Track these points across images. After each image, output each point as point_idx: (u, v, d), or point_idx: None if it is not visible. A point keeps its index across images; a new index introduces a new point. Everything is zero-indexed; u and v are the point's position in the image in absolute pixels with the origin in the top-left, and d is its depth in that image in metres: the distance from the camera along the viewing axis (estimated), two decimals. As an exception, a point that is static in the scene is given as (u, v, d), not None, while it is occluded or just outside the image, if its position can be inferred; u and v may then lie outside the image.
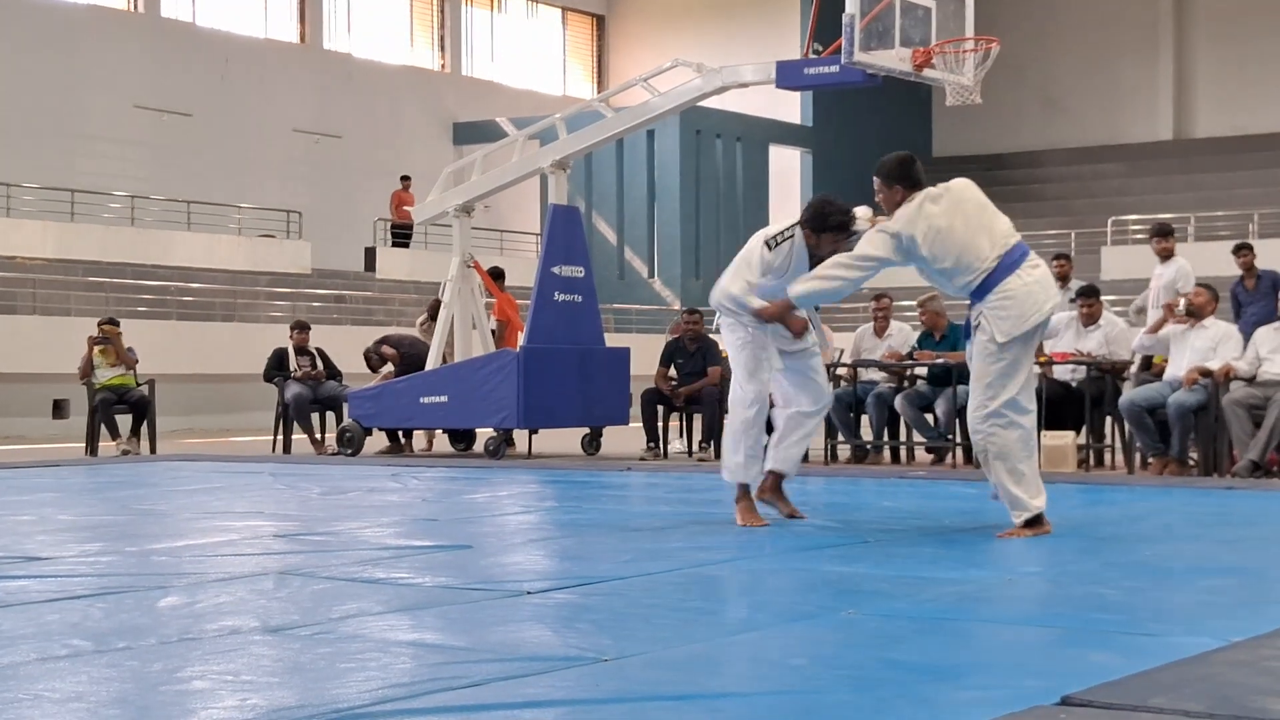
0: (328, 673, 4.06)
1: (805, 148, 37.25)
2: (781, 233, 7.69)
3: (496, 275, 15.72)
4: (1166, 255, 13.55)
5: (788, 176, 37.27)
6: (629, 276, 35.11)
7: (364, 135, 33.46)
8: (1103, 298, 13.00)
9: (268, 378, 15.69)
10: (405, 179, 30.86)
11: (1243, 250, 14.09)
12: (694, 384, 14.02)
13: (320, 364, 15.68)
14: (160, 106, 29.87)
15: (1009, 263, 7.23)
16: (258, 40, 32.15)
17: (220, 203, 28.83)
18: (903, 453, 13.52)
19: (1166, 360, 11.94)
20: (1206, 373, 11.20)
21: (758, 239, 7.77)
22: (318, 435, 15.48)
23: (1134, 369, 12.48)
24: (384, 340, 15.77)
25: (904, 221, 7.23)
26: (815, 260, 7.56)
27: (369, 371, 15.90)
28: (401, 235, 31.07)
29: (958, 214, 7.24)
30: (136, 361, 15.50)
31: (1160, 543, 7.15)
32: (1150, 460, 11.63)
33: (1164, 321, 12.09)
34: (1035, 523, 7.18)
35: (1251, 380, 11.16)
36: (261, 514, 8.80)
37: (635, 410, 14.60)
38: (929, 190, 7.30)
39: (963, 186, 7.41)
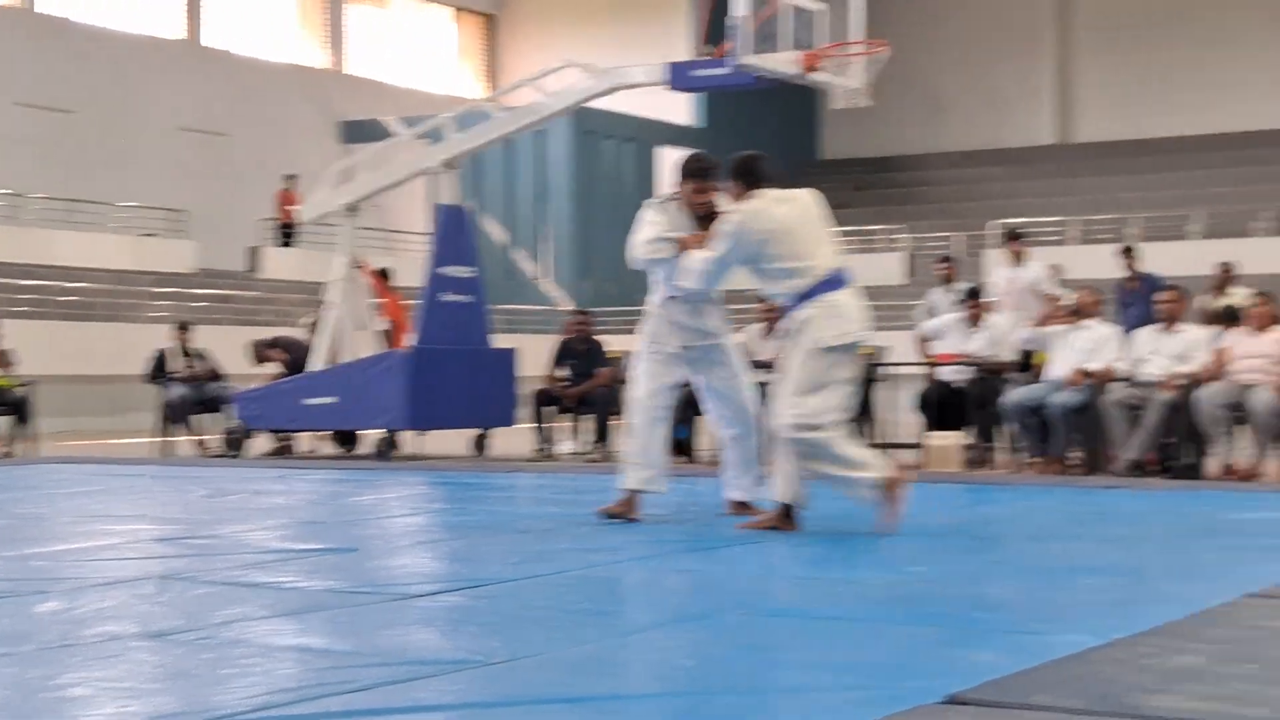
0: (210, 679, 4.01)
1: (695, 149, 37.26)
2: (667, 195, 7.84)
3: (385, 276, 15.63)
4: (1019, 257, 13.77)
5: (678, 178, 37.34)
6: (518, 277, 35.03)
7: (249, 134, 33.08)
8: (987, 299, 13.17)
9: (150, 378, 15.47)
10: (290, 178, 30.55)
11: (1127, 253, 14.36)
12: (584, 385, 14.01)
13: (204, 365, 15.48)
14: (42, 104, 29.35)
15: (841, 277, 7.35)
16: (142, 37, 31.69)
17: (103, 201, 28.37)
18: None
19: (1045, 359, 12.12)
20: (1088, 373, 11.38)
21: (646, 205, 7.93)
22: (201, 437, 15.29)
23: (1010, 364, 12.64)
24: (275, 343, 15.56)
25: (751, 214, 7.29)
26: (693, 215, 7.65)
27: (253, 369, 15.73)
28: (287, 235, 30.76)
29: (805, 219, 7.35)
30: (11, 364, 15.22)
31: (1043, 542, 7.24)
32: (1034, 460, 11.79)
33: (1048, 316, 12.29)
34: (894, 486, 7.22)
35: (1131, 381, 11.35)
36: (144, 517, 8.67)
37: (525, 411, 14.56)
38: (779, 192, 7.39)
39: (812, 198, 7.51)
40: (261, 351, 15.54)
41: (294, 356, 15.10)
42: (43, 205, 27.63)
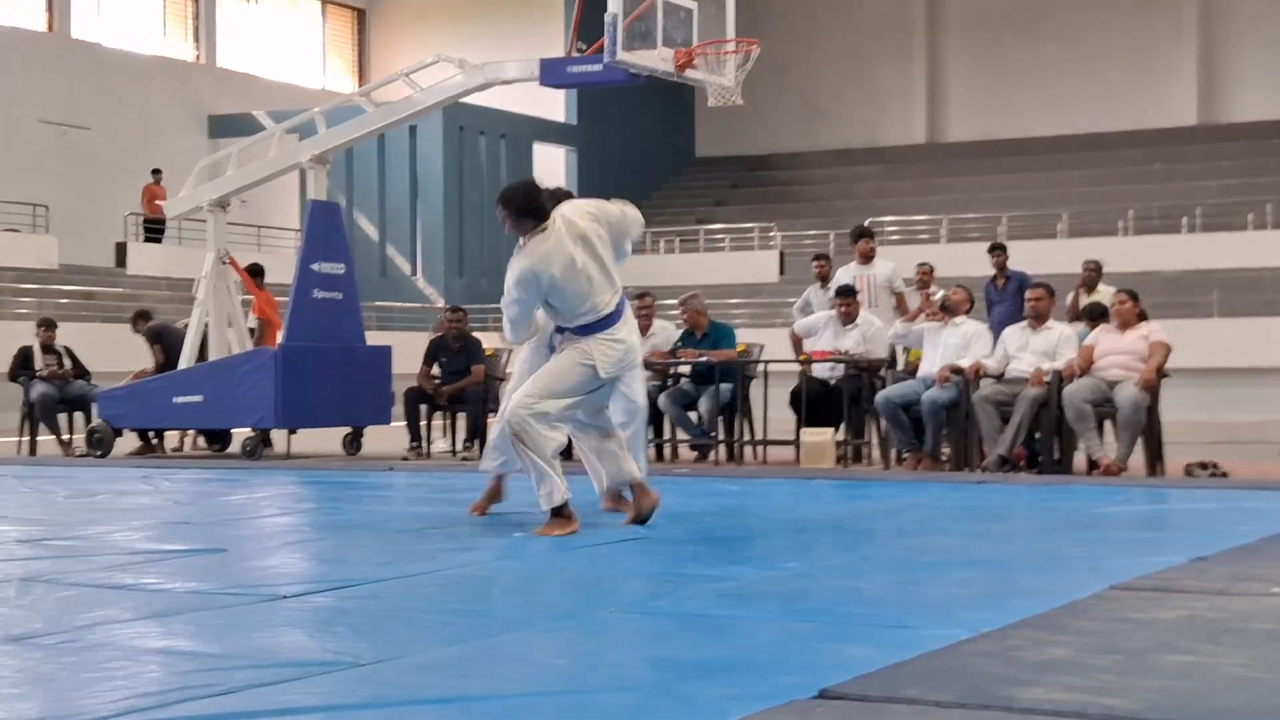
0: (72, 683, 3.93)
1: (570, 146, 37.37)
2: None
3: (255, 273, 15.43)
4: (868, 256, 13.93)
5: (553, 175, 37.25)
6: (391, 274, 34.79)
7: (114, 127, 32.52)
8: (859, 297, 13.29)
9: (12, 377, 15.16)
10: (156, 172, 30.10)
11: (996, 250, 14.56)
12: (458, 383, 13.94)
13: (68, 362, 15.22)
14: (-103, 94, 28.67)
15: (623, 309, 7.43)
16: (2, 28, 31.03)
17: (-39, 195, 27.78)
18: (666, 450, 13.64)
19: (918, 356, 12.26)
20: (957, 370, 11.53)
21: None
22: (65, 436, 15.02)
23: (897, 367, 12.79)
24: (158, 336, 15.12)
25: (535, 261, 7.23)
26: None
27: (124, 369, 15.47)
28: (154, 230, 30.30)
29: (588, 256, 7.33)
30: None
31: (914, 536, 7.32)
32: (905, 456, 11.92)
33: (920, 311, 12.44)
34: (562, 513, 7.25)
35: (1000, 377, 11.51)
36: (4, 518, 8.49)
37: (398, 409, 14.46)
38: (560, 227, 7.28)
39: (586, 221, 7.45)
40: (139, 325, 15.26)
41: (171, 353, 14.76)
42: (-101, 200, 26.98)
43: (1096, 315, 11.94)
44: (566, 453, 7.72)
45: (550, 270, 7.18)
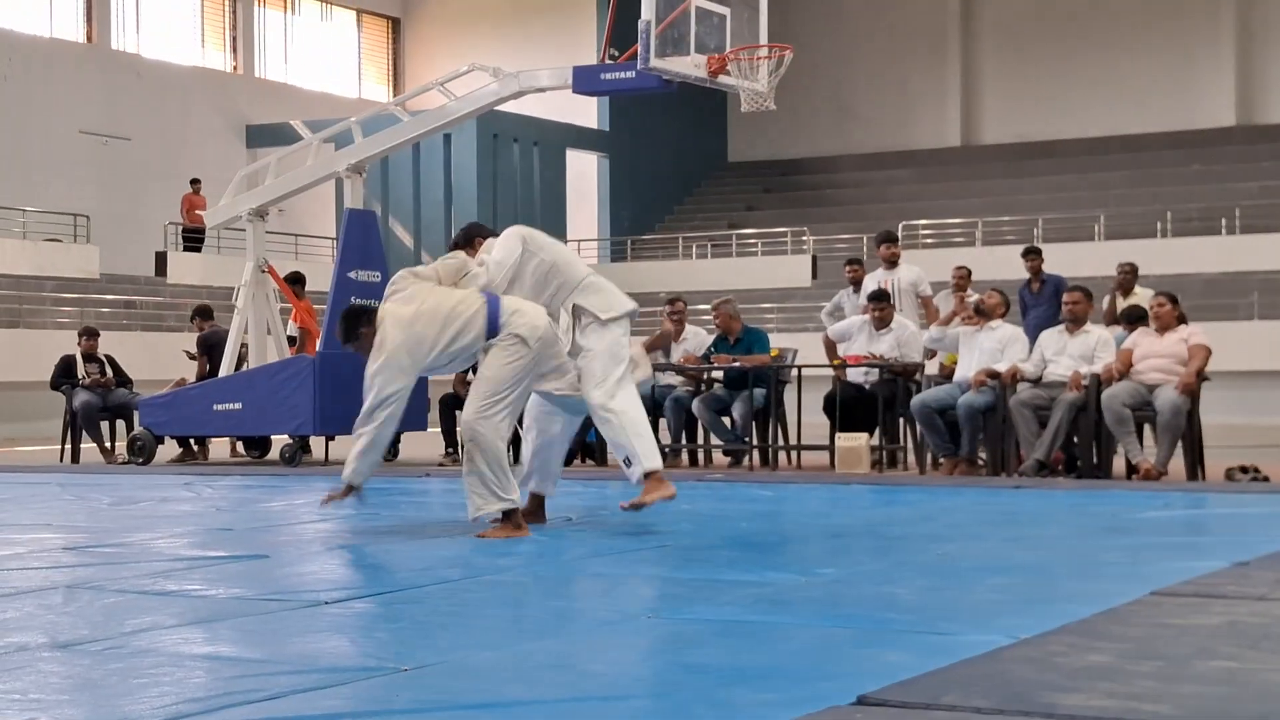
0: (119, 689, 3.96)
1: (602, 152, 37.41)
2: None
3: (296, 281, 15.49)
4: (892, 261, 13.88)
5: (585, 181, 37.39)
6: (426, 281, 34.83)
7: (154, 137, 32.72)
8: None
9: (55, 385, 15.26)
10: (195, 182, 30.25)
11: (1031, 254, 14.49)
12: (493, 389, 13.94)
13: (110, 371, 15.31)
14: (-61, 106, 28.90)
15: (495, 305, 7.58)
16: (42, 39, 31.25)
17: (4, 205, 27.93)
18: (700, 456, 13.64)
19: (954, 360, 12.23)
20: (994, 374, 11.49)
21: None
22: (107, 444, 15.10)
23: (928, 371, 12.76)
24: (209, 346, 15.12)
25: (391, 350, 7.60)
26: None
27: (164, 377, 15.55)
28: (193, 239, 30.44)
29: (426, 316, 7.54)
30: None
31: (951, 542, 7.30)
32: (941, 461, 11.89)
33: (954, 315, 12.40)
34: (511, 518, 7.34)
35: (1037, 381, 11.47)
36: (49, 526, 8.55)
37: (434, 416, 14.50)
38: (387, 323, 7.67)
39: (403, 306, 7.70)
40: (200, 324, 15.36)
41: (217, 364, 14.80)
42: (-59, 210, 27.19)
43: (1135, 318, 11.88)
44: (591, 453, 7.76)
45: (411, 350, 7.45)
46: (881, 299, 12.84)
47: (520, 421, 7.96)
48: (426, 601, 5.45)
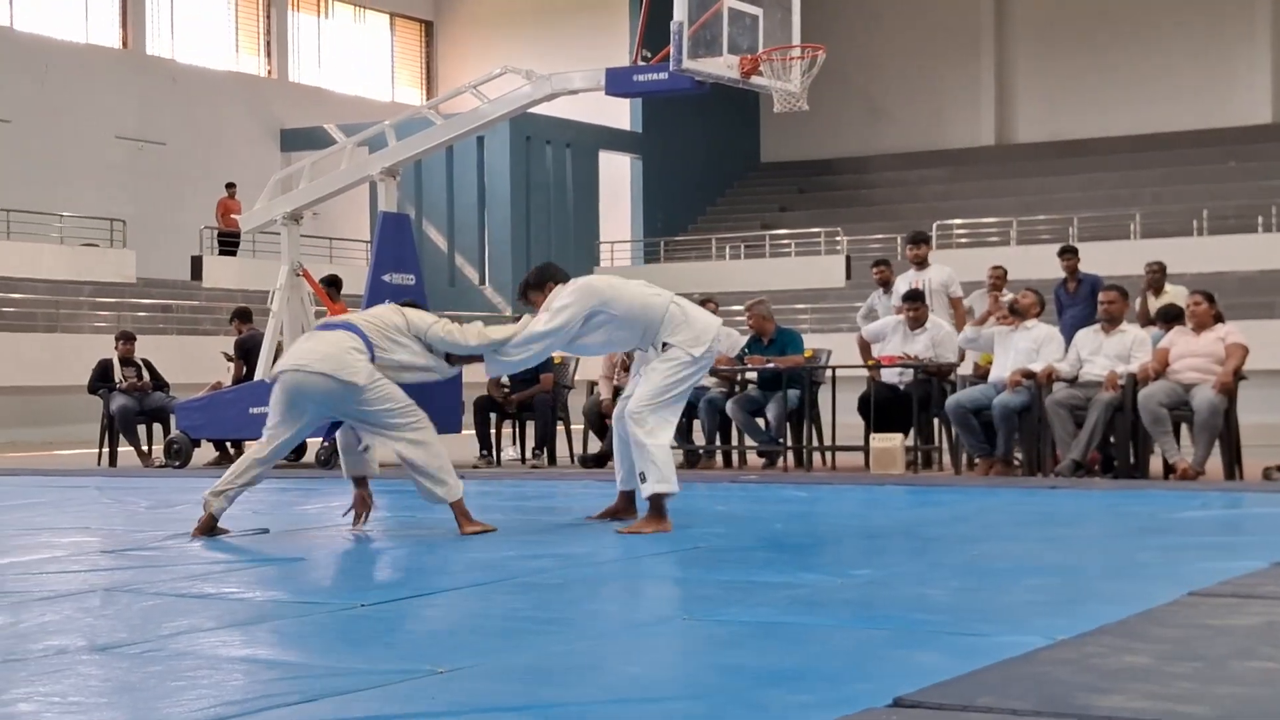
0: (158, 691, 3.98)
1: (635, 154, 37.43)
2: None
3: (333, 284, 15.54)
4: (920, 262, 13.84)
5: (618, 182, 37.41)
6: (460, 284, 34.96)
7: (189, 142, 32.89)
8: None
9: (92, 389, 15.35)
10: (230, 186, 30.40)
11: (1067, 254, 14.43)
12: (526, 391, 13.99)
13: (146, 375, 15.38)
14: (-24, 113, 29.10)
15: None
16: (78, 45, 31.44)
17: (40, 211, 28.11)
18: (734, 457, 13.63)
19: (991, 361, 12.20)
20: (1029, 374, 11.46)
21: None
22: (145, 447, 15.18)
23: (963, 371, 12.73)
24: (246, 352, 15.19)
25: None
26: None
27: (201, 381, 15.62)
28: (228, 244, 30.60)
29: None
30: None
31: (986, 543, 7.29)
32: (976, 461, 11.86)
33: (989, 314, 12.37)
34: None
35: (1073, 381, 11.43)
36: (87, 529, 8.61)
37: (468, 418, 14.52)
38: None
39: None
40: (239, 327, 15.43)
41: (253, 369, 14.86)
42: (-21, 216, 27.37)
43: (1171, 317, 11.82)
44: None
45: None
46: (916, 299, 12.81)
47: None
48: (462, 603, 5.47)
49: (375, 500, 8.41)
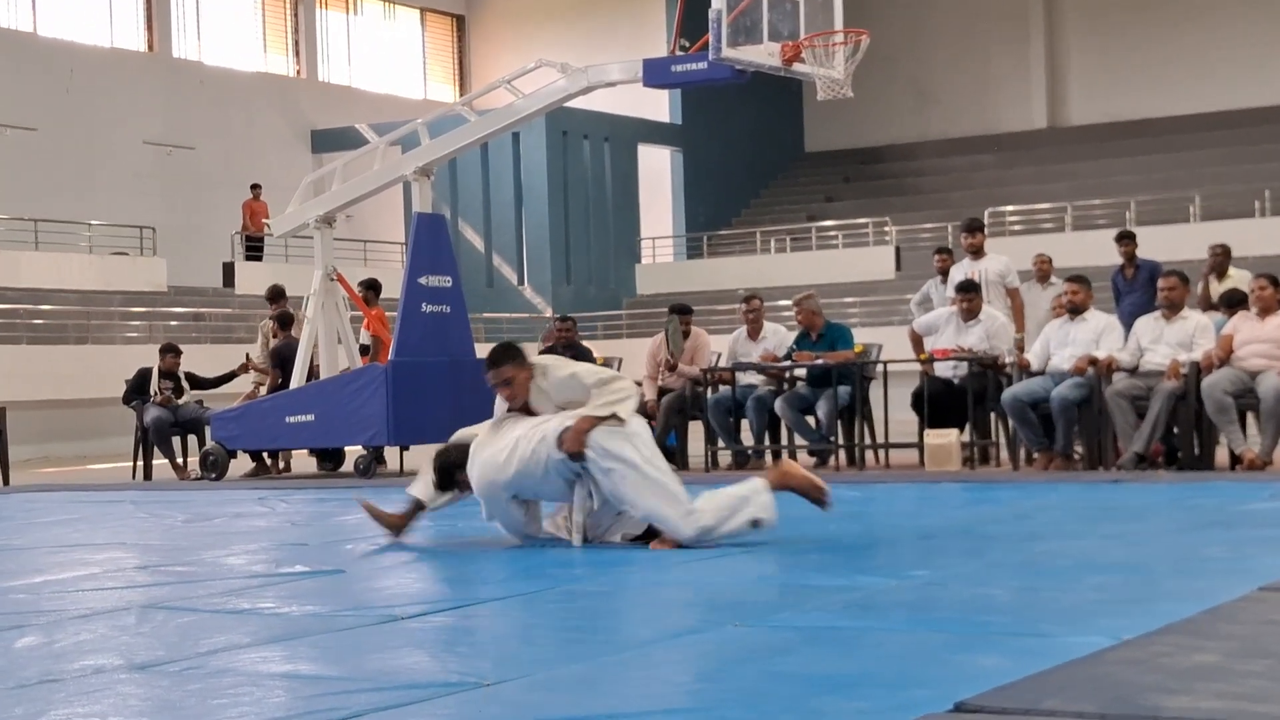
0: (199, 710, 4.00)
1: (675, 146, 37.42)
2: None
3: (372, 288, 15.60)
4: (976, 251, 13.77)
5: (659, 176, 37.41)
6: (498, 284, 35.04)
7: (218, 146, 33.08)
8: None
9: (127, 401, 15.44)
10: (256, 187, 30.52)
11: (1125, 239, 14.36)
12: (569, 394, 13.97)
13: (185, 386, 15.40)
14: (3, 121, 29.31)
15: None
16: (103, 49, 31.66)
17: (69, 220, 28.32)
18: (784, 457, 13.60)
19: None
20: (1093, 361, 11.38)
21: None
22: (180, 460, 15.27)
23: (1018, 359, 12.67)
24: (282, 360, 15.22)
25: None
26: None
27: (234, 390, 15.72)
28: (254, 247, 30.70)
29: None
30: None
31: (1047, 540, 7.25)
32: (1035, 456, 11.80)
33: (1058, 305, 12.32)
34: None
35: (1134, 371, 11.36)
36: (123, 545, 8.66)
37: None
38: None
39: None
40: (277, 332, 15.49)
41: (288, 374, 14.92)
42: (7, 226, 27.61)
43: (1235, 302, 11.74)
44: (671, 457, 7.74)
45: None
46: (970, 289, 12.75)
47: None
48: (507, 614, 5.47)
49: (409, 507, 8.41)
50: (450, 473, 7.79)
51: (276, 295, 16.05)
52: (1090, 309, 11.86)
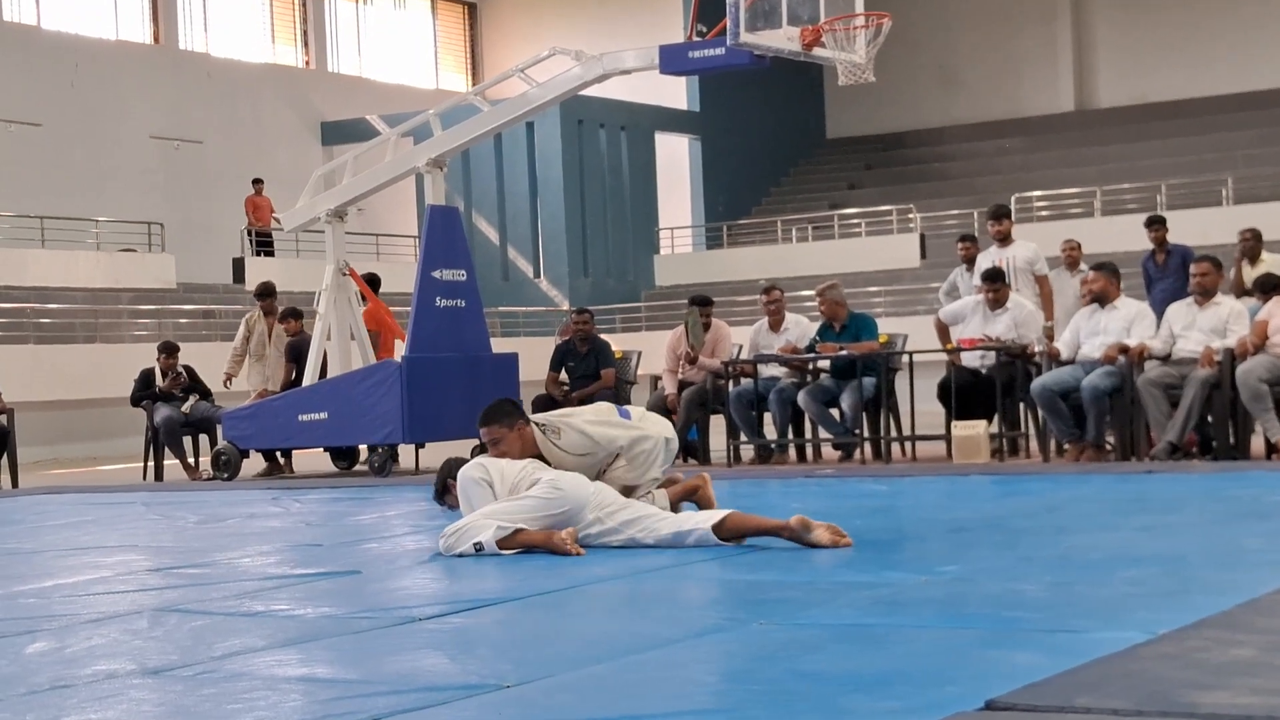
0: (213, 715, 4.01)
1: (693, 134, 37.41)
2: None
3: (372, 282, 15.62)
4: (1003, 238, 13.74)
5: (677, 165, 37.39)
6: (513, 277, 35.06)
7: (226, 139, 33.12)
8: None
9: (135, 401, 15.48)
10: (258, 182, 30.48)
11: (1156, 224, 14.32)
12: (587, 388, 14.01)
13: (186, 378, 15.43)
14: (7, 117, 29.39)
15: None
16: (108, 42, 31.72)
17: (76, 217, 28.38)
18: (809, 451, 13.61)
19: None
20: (1124, 349, 11.36)
21: None
22: (191, 460, 15.31)
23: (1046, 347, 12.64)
24: (298, 354, 15.21)
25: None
26: None
27: (245, 388, 15.74)
28: (262, 243, 30.71)
29: None
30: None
31: (1079, 533, 7.24)
32: (1066, 447, 11.79)
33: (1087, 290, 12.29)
34: None
35: (1166, 359, 11.34)
36: (134, 547, 8.69)
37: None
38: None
39: None
40: (289, 325, 15.50)
41: (302, 373, 14.92)
42: (13, 224, 27.66)
43: (1269, 287, 11.70)
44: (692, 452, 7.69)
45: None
46: (996, 278, 12.73)
47: None
48: (527, 614, 5.48)
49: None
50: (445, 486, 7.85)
51: (265, 292, 16.01)
52: (1120, 296, 11.83)
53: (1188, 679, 3.70)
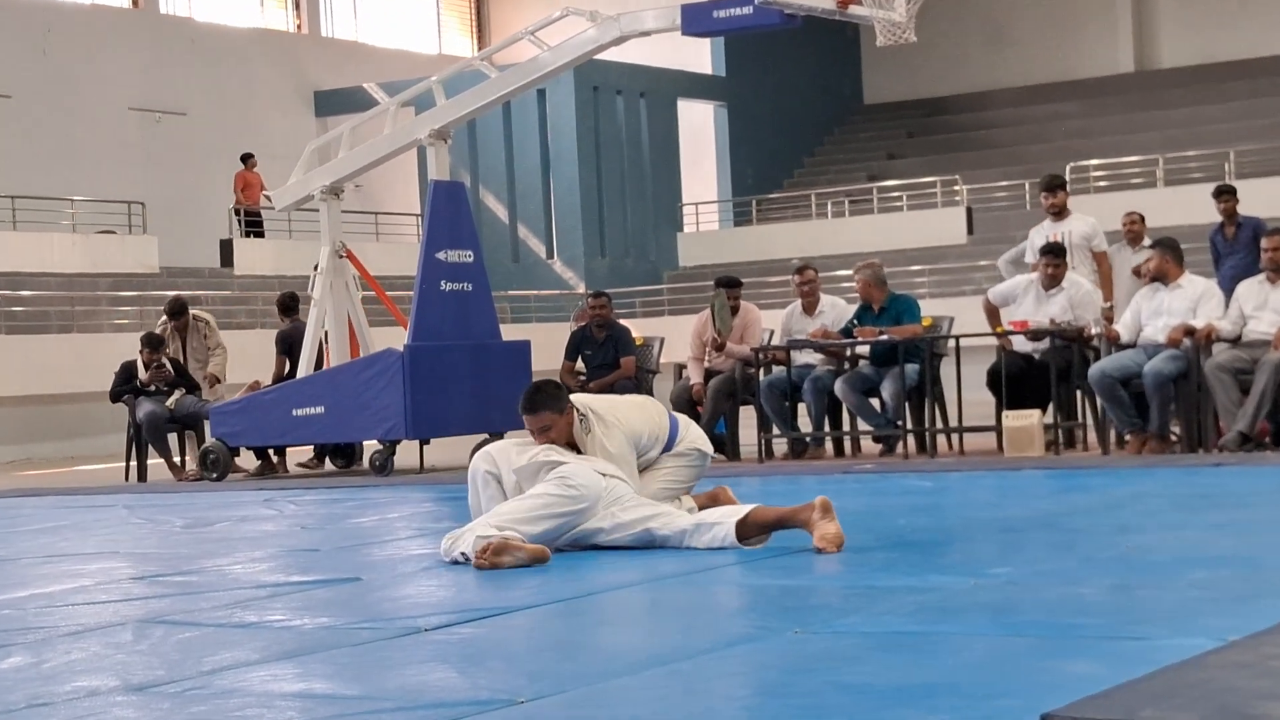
0: (202, 735, 4.03)
1: (719, 101, 37.40)
2: None
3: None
4: (1058, 212, 13.66)
5: (701, 135, 37.40)
6: (524, 258, 35.11)
7: (212, 111, 33.19)
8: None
9: (115, 396, 15.50)
10: (248, 157, 30.53)
11: (1224, 194, 14.27)
12: (606, 377, 14.03)
13: (170, 371, 15.47)
14: (-28, 89, 29.52)
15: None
16: (83, 6, 31.82)
17: (49, 196, 28.46)
18: (847, 444, 13.60)
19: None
20: (1190, 331, 11.33)
21: None
22: (177, 459, 15.34)
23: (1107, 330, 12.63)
24: (290, 345, 15.27)
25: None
26: None
27: (237, 381, 15.81)
28: (253, 222, 30.78)
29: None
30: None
31: (1142, 532, 7.24)
32: (1127, 438, 11.78)
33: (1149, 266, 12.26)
34: None
35: (1236, 341, 11.31)
36: (116, 554, 8.72)
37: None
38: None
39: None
40: (284, 319, 15.57)
41: (295, 360, 14.96)
42: (-19, 205, 27.77)
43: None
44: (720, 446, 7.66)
45: None
46: (1056, 253, 12.68)
47: None
48: (541, 624, 5.49)
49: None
50: None
51: (177, 311, 16.03)
52: (1185, 274, 11.80)
53: (1262, 689, 3.70)
